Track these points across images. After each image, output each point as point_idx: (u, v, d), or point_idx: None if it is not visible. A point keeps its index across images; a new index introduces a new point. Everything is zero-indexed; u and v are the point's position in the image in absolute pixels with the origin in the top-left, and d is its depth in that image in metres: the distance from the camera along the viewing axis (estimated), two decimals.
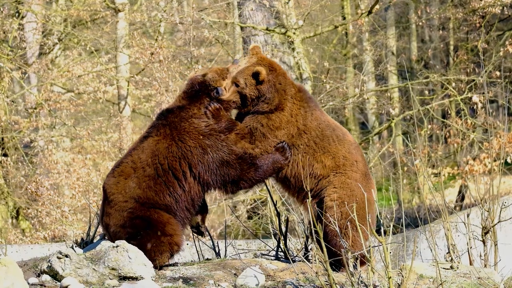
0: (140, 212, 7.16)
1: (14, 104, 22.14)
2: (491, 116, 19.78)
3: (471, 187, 16.38)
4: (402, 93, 26.51)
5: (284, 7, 19.10)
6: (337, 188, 7.32)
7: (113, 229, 7.23)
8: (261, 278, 6.98)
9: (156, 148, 7.24)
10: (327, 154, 7.42)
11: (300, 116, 7.44)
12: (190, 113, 7.34)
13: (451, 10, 22.49)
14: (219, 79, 7.42)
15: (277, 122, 7.38)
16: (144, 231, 7.13)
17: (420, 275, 7.24)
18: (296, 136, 7.42)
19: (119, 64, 22.46)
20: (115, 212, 7.21)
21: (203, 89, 7.42)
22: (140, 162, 7.23)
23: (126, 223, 7.16)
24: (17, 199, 21.19)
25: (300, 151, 7.40)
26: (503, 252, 8.31)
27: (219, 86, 7.38)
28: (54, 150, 21.28)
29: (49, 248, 11.36)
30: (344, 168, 7.41)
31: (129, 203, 7.18)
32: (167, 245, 7.17)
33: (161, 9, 22.05)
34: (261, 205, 17.78)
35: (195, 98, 7.42)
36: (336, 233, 7.09)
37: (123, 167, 7.29)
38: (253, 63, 7.42)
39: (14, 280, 6.20)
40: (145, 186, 7.18)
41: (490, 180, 8.15)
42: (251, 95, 7.38)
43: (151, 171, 7.20)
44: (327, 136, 7.45)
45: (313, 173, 7.41)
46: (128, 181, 7.21)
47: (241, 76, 7.38)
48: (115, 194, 7.24)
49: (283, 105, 7.40)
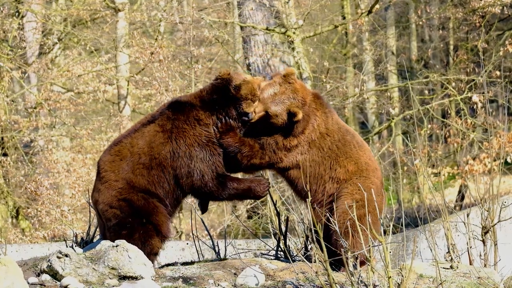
0: (128, 194, 7.20)
1: (14, 103, 22.14)
2: (491, 116, 19.78)
3: (471, 186, 16.38)
4: (402, 92, 26.50)
5: (284, 6, 19.09)
6: (360, 190, 7.32)
7: (101, 206, 7.28)
8: (261, 278, 6.98)
9: (154, 140, 7.25)
10: (350, 159, 7.47)
11: (322, 121, 7.47)
12: (198, 117, 7.30)
13: (451, 10, 22.49)
14: (251, 103, 7.30)
15: (294, 142, 7.40)
16: (133, 219, 7.16)
17: (420, 274, 7.24)
18: (319, 139, 7.44)
19: (119, 63, 22.46)
20: (105, 189, 7.26)
21: (228, 102, 7.32)
22: (137, 147, 7.26)
23: (113, 202, 7.21)
24: (17, 198, 21.18)
25: (324, 154, 7.41)
26: (503, 252, 8.30)
27: (250, 112, 7.29)
28: (54, 150, 21.28)
29: (49, 248, 11.37)
30: (367, 173, 7.47)
31: (120, 183, 7.22)
32: (154, 233, 7.19)
33: (161, 8, 22.04)
34: (261, 205, 17.77)
35: (211, 104, 7.33)
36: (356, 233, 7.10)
37: (121, 147, 7.32)
38: (291, 97, 7.33)
39: (14, 280, 6.20)
40: (138, 173, 7.22)
41: (490, 180, 8.14)
42: (276, 126, 7.35)
43: (146, 161, 7.23)
44: (348, 141, 7.53)
45: (336, 177, 7.43)
46: (122, 163, 7.25)
47: (275, 110, 7.30)
48: (107, 172, 7.28)
49: (305, 129, 7.42)
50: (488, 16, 22.12)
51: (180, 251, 11.53)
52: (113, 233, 7.24)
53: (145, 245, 7.17)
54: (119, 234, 7.18)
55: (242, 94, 7.28)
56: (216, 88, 7.36)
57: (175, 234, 18.88)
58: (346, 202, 7.28)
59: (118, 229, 7.20)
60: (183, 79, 20.06)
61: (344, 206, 7.23)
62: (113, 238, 7.18)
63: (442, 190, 8.17)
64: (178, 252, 11.52)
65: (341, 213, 7.24)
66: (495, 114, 22.37)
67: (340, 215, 7.22)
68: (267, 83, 7.46)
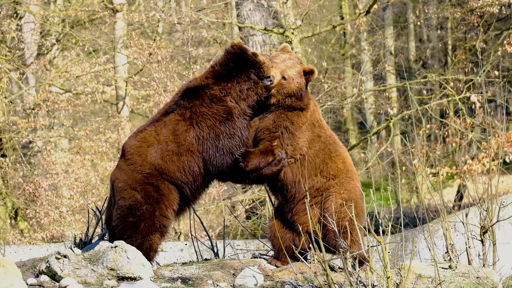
0: (155, 180, 7.22)
1: (12, 104, 22.14)
2: (490, 116, 19.79)
3: (470, 186, 16.39)
4: (400, 92, 26.52)
5: (282, 7, 19.09)
6: (347, 191, 7.39)
7: (121, 184, 7.27)
8: (259, 278, 6.99)
9: (177, 128, 7.29)
10: (339, 157, 7.53)
11: (316, 111, 7.61)
12: (211, 96, 7.32)
13: (449, 10, 22.50)
14: (270, 67, 7.38)
15: (304, 119, 7.46)
16: (146, 208, 7.17)
17: (418, 274, 7.24)
18: (317, 127, 7.54)
19: (117, 64, 22.47)
20: (130, 171, 7.26)
21: (246, 67, 7.35)
22: (163, 136, 7.29)
23: (136, 185, 7.21)
24: (15, 199, 21.18)
25: (321, 143, 7.46)
26: (502, 252, 8.31)
27: (271, 75, 7.34)
28: (53, 151, 21.28)
29: (47, 249, 11.36)
30: (352, 174, 7.52)
31: (146, 168, 7.23)
32: (158, 228, 7.22)
33: (159, 9, 22.03)
34: (259, 205, 17.77)
35: (227, 75, 7.35)
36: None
37: (146, 134, 7.35)
38: (299, 62, 7.56)
39: (12, 281, 6.20)
40: (168, 160, 7.24)
41: (489, 180, 8.15)
42: (291, 91, 7.42)
43: (174, 148, 7.27)
44: (336, 140, 7.64)
45: (327, 171, 7.45)
46: (150, 149, 7.27)
47: (292, 72, 7.43)
48: (134, 155, 7.30)
49: (309, 104, 7.54)
50: (486, 16, 22.13)
51: (179, 251, 11.53)
52: (120, 217, 7.22)
53: (146, 240, 7.17)
54: (126, 220, 7.18)
55: (260, 59, 7.33)
56: (232, 56, 7.37)
57: (174, 235, 18.88)
58: (336, 202, 7.30)
59: (127, 213, 7.19)
60: (181, 80, 20.05)
61: (334, 206, 7.26)
62: (118, 221, 7.19)
63: (441, 190, 8.18)
64: (177, 252, 11.51)
65: (332, 213, 7.25)
66: (493, 114, 22.41)
67: (331, 216, 7.22)
68: (273, 54, 7.63)
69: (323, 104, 18.61)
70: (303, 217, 7.36)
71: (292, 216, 7.47)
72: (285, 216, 7.52)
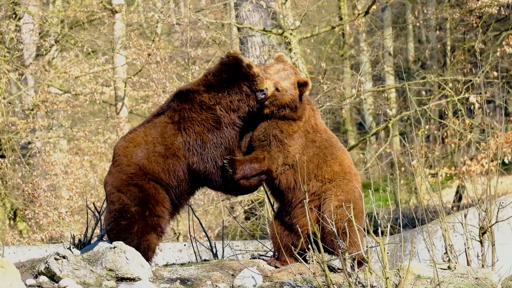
0: (139, 180, 7.23)
1: (11, 105, 22.12)
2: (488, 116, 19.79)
3: (469, 187, 16.38)
4: (399, 93, 26.52)
5: (281, 7, 19.08)
6: (344, 192, 7.37)
7: (109, 188, 7.31)
8: (258, 279, 6.99)
9: (165, 131, 7.30)
10: (335, 160, 7.51)
11: (312, 117, 7.55)
12: (201, 102, 7.29)
13: (448, 11, 22.51)
14: (264, 80, 7.31)
15: (295, 128, 7.42)
16: (136, 209, 7.15)
17: (417, 275, 7.24)
18: (312, 133, 7.49)
19: (116, 65, 22.46)
20: (116, 172, 7.29)
21: (239, 79, 7.30)
22: (151, 137, 7.30)
23: (121, 186, 7.22)
24: (14, 200, 21.16)
25: (314, 150, 7.44)
26: (501, 252, 8.31)
27: (264, 89, 7.26)
28: (52, 152, 21.27)
29: (46, 249, 11.35)
30: (350, 176, 7.50)
31: (131, 168, 7.25)
32: (152, 227, 7.19)
33: (158, 10, 22.03)
34: (258, 206, 17.77)
35: (219, 85, 7.29)
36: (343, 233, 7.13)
37: (135, 135, 7.38)
38: (293, 73, 7.44)
39: (11, 281, 6.19)
40: (153, 161, 7.24)
41: (488, 181, 8.15)
42: (284, 103, 7.36)
43: (161, 150, 7.27)
44: (334, 143, 7.60)
45: (322, 176, 7.44)
46: (136, 149, 7.29)
47: (286, 83, 7.35)
48: (120, 156, 7.33)
49: (303, 115, 7.47)
50: (485, 17, 22.14)
51: (177, 252, 11.51)
52: (113, 220, 7.23)
53: (142, 240, 7.16)
54: (119, 223, 7.19)
55: (254, 71, 7.29)
56: (227, 66, 7.33)
57: (173, 236, 18.87)
58: (332, 204, 7.29)
59: (118, 216, 7.19)
60: (180, 81, 20.03)
61: (331, 208, 7.25)
62: (112, 225, 7.18)
63: (440, 190, 8.18)
64: (176, 253, 11.50)
65: (330, 215, 7.24)
66: (492, 114, 22.41)
67: (330, 217, 7.22)
68: (267, 64, 7.57)
69: (322, 105, 18.61)
70: (302, 220, 7.36)
71: (290, 219, 7.47)
72: (284, 219, 7.53)
